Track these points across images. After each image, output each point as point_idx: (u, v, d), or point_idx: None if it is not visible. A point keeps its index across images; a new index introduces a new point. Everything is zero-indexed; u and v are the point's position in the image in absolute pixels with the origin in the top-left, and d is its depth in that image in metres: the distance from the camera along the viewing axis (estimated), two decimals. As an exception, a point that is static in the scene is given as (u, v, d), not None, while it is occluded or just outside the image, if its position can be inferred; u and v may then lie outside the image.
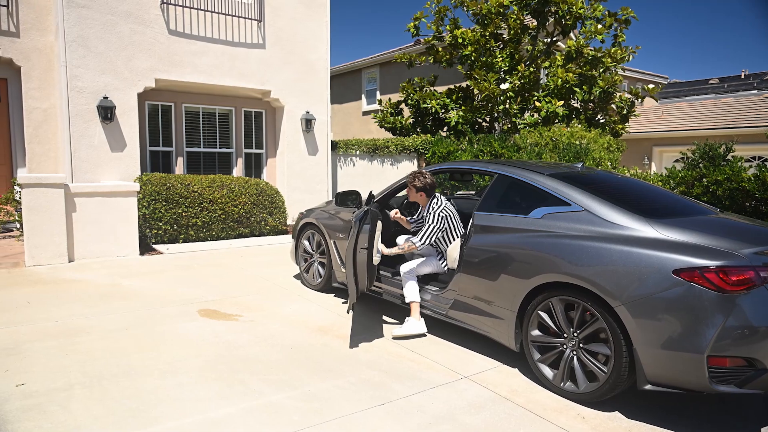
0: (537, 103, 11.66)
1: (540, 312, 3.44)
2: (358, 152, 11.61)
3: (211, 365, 3.62)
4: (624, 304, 2.98)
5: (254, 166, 10.48)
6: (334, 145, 11.26)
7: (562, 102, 11.42)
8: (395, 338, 4.20)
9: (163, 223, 7.98)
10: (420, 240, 4.28)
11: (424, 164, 12.25)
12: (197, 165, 9.78)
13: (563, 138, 9.97)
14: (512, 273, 3.60)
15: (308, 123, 10.14)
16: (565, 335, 3.33)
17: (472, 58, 12.24)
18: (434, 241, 4.38)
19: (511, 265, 3.62)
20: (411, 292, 4.30)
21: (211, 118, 9.94)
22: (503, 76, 12.30)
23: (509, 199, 3.96)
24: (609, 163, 9.08)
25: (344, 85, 21.56)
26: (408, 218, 4.94)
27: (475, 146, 10.85)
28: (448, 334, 4.33)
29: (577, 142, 9.74)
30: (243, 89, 9.62)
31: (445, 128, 13.46)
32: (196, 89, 9.49)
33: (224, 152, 10.12)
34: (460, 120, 12.40)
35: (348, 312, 3.94)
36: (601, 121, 12.46)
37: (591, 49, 11.90)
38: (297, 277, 6.22)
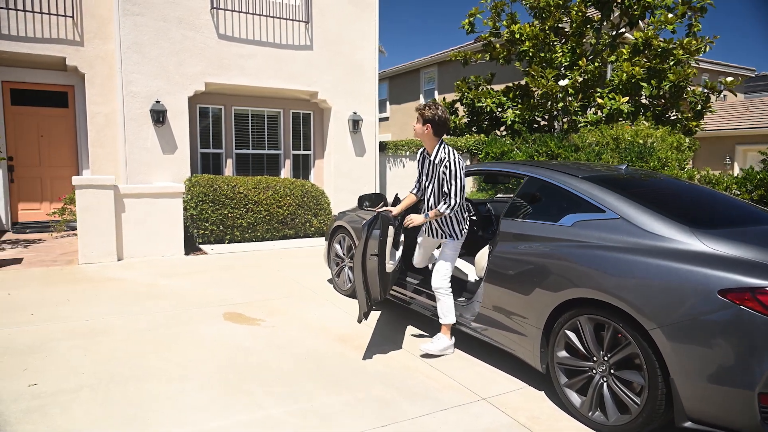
0: (599, 100, 10.94)
1: (567, 331, 3.09)
2: (407, 153, 11.39)
3: (220, 372, 3.54)
4: (660, 328, 2.59)
5: (302, 167, 10.52)
6: (384, 146, 11.10)
7: (626, 98, 10.64)
8: (424, 356, 3.84)
9: (209, 224, 8.14)
10: (448, 208, 3.63)
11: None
12: (246, 166, 9.94)
13: (626, 137, 9.27)
14: (538, 286, 3.27)
15: (355, 124, 10.04)
16: (595, 359, 2.96)
17: (530, 54, 11.69)
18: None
19: (536, 278, 3.29)
20: (449, 313, 3.85)
21: (259, 120, 10.07)
22: (563, 71, 11.66)
23: (539, 205, 3.62)
24: (676, 164, 8.32)
25: (402, 86, 21.41)
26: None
27: (531, 146, 10.34)
28: (474, 349, 4.03)
29: (641, 141, 9.01)
30: (290, 91, 9.67)
31: (503, 128, 12.97)
32: (245, 92, 9.64)
33: (272, 154, 10.22)
34: (516, 119, 11.89)
35: (359, 322, 3.74)
36: (672, 118, 11.52)
37: (661, 41, 11.02)
38: (331, 281, 6.10)
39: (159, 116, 8.39)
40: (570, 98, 11.23)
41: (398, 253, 4.11)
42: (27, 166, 9.45)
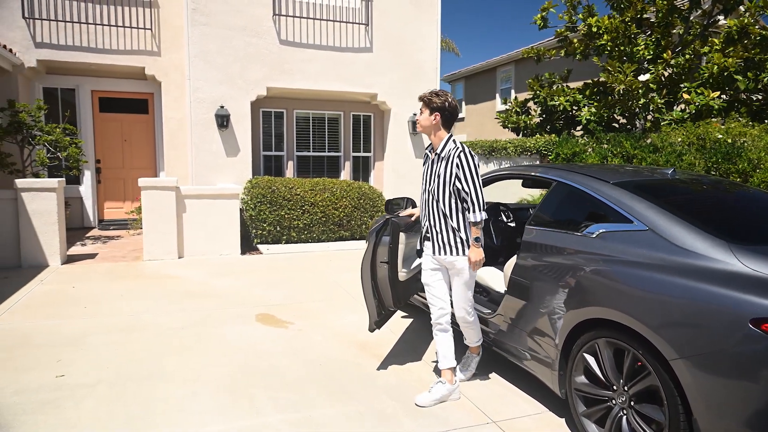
0: (686, 96, 9.97)
1: (585, 354, 2.77)
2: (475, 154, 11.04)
3: (231, 375, 3.56)
4: (682, 358, 2.23)
5: (362, 169, 10.54)
6: (446, 148, 10.84)
7: (717, 93, 9.61)
8: (461, 381, 3.50)
9: (267, 225, 8.35)
10: (478, 211, 3.08)
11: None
12: (307, 168, 10.12)
13: (713, 136, 8.35)
14: (556, 302, 2.97)
15: (415, 125, 9.88)
16: (615, 387, 2.63)
17: (609, 48, 10.91)
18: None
19: (555, 293, 2.99)
20: (479, 334, 3.52)
21: (320, 123, 10.22)
22: (646, 65, 10.76)
23: (565, 212, 3.29)
24: (769, 166, 7.34)
25: (477, 85, 20.92)
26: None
27: (605, 146, 9.63)
28: (495, 366, 3.76)
29: (730, 140, 8.08)
30: (350, 93, 9.71)
31: (578, 127, 12.22)
32: (306, 95, 9.81)
33: (333, 156, 10.33)
34: (593, 117, 11.14)
35: (371, 331, 3.60)
36: (774, 113, 10.25)
37: (761, 28, 9.84)
38: (372, 285, 6.00)
39: (223, 120, 8.74)
40: (653, 94, 10.34)
41: (419, 260, 3.92)
42: (112, 168, 10.25)
